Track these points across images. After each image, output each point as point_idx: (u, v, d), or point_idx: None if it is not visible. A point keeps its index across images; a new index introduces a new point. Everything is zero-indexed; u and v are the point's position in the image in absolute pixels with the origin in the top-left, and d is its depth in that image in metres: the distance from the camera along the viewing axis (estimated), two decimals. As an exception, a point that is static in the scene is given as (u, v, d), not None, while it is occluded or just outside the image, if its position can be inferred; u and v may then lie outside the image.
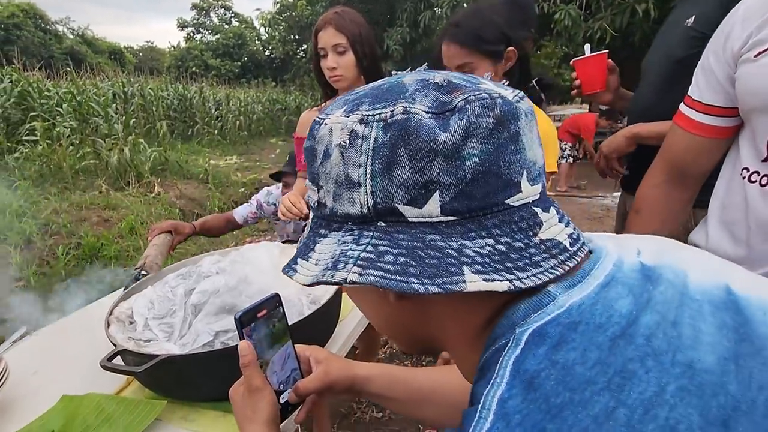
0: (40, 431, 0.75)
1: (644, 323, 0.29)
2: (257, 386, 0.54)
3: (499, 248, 0.32)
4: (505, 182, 0.33)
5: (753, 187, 0.68)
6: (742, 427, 0.25)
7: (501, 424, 0.27)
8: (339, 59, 1.37)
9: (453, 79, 0.34)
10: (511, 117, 0.33)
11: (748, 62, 0.66)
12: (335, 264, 0.34)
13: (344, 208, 0.35)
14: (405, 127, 0.32)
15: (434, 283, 0.31)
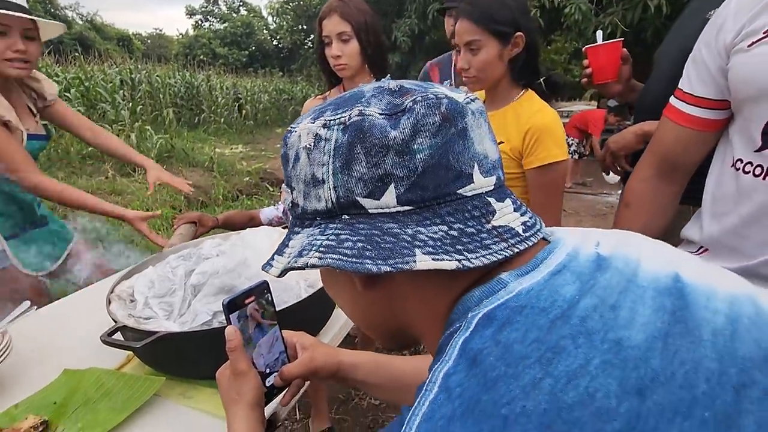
0: (42, 403, 0.77)
1: (583, 306, 0.31)
2: (242, 370, 0.56)
3: (452, 233, 0.36)
4: (456, 174, 0.37)
5: (746, 177, 0.68)
6: (657, 395, 0.27)
7: (443, 395, 0.30)
8: (343, 47, 1.36)
9: (405, 85, 0.39)
10: (458, 115, 0.37)
11: (741, 52, 0.67)
12: (300, 252, 0.39)
13: (312, 205, 0.39)
14: (360, 127, 0.36)
15: (386, 263, 0.35)
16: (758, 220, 0.67)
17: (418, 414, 0.31)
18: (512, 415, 0.27)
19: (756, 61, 0.65)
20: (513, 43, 1.08)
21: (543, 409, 0.27)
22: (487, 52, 1.08)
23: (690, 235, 0.81)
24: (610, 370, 0.28)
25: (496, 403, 0.28)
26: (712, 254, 0.76)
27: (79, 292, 1.19)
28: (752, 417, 0.27)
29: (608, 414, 0.26)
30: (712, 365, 0.29)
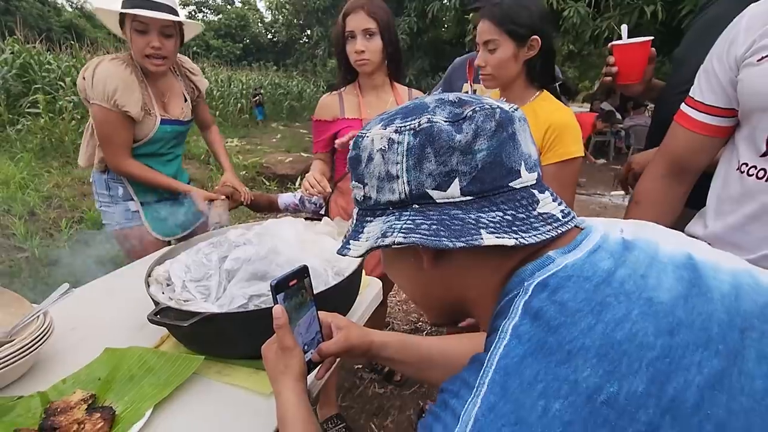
0: (87, 378, 0.81)
1: (619, 275, 0.39)
2: (289, 345, 0.62)
3: (507, 218, 0.43)
4: (508, 170, 0.44)
5: (750, 179, 0.75)
6: (682, 334, 0.36)
7: (515, 341, 0.38)
8: (368, 43, 1.39)
9: (462, 97, 0.47)
10: (508, 121, 0.45)
11: (751, 66, 0.73)
12: (384, 234, 0.46)
13: (386, 197, 0.47)
14: (430, 132, 0.43)
15: (459, 240, 0.42)
16: (759, 218, 0.74)
17: (497, 354, 0.38)
18: (574, 349, 0.35)
19: (765, 74, 0.70)
20: (529, 46, 1.13)
21: (599, 344, 0.35)
22: (503, 52, 1.13)
23: (694, 232, 0.87)
24: (647, 317, 0.36)
25: (561, 342, 0.36)
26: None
27: (111, 275, 1.23)
28: (753, 350, 0.36)
29: (648, 346, 0.35)
30: (722, 316, 0.37)
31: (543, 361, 0.35)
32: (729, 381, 0.34)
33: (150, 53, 1.35)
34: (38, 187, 4.41)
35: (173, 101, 1.52)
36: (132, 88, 1.37)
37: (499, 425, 0.34)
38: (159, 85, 1.48)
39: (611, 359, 0.34)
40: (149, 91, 1.43)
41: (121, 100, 1.34)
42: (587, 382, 0.33)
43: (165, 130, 1.49)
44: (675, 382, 0.33)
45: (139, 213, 1.53)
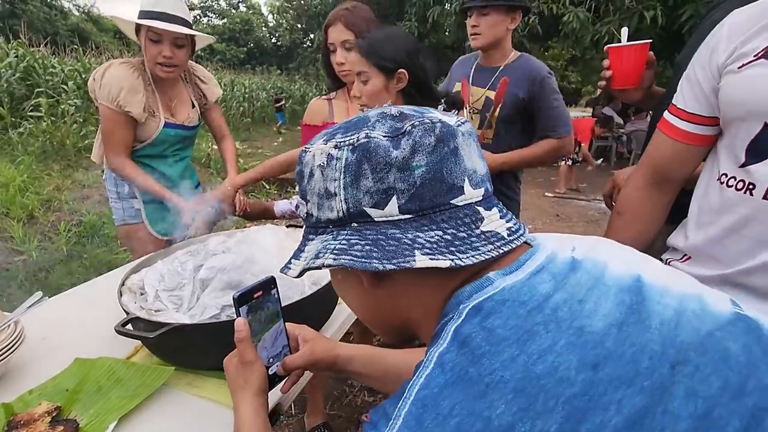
0: (55, 390, 0.80)
1: (555, 300, 0.38)
2: (249, 360, 0.60)
3: (446, 237, 0.42)
4: (449, 186, 0.43)
5: (729, 191, 0.73)
6: (608, 368, 0.33)
7: (438, 370, 0.36)
8: (347, 55, 1.41)
9: (405, 111, 0.45)
10: (450, 136, 0.43)
11: (732, 73, 0.71)
12: (317, 255, 0.45)
13: (326, 215, 0.45)
14: (367, 148, 0.42)
15: (390, 262, 0.41)
16: (737, 231, 0.72)
17: (416, 384, 0.36)
18: (492, 382, 0.33)
19: (745, 83, 0.69)
20: (397, 78, 1.18)
21: (517, 378, 0.33)
22: (374, 84, 1.19)
23: (675, 243, 0.85)
24: (572, 349, 0.34)
25: (481, 373, 0.34)
26: (694, 261, 0.80)
27: (86, 284, 1.22)
28: (683, 386, 0.33)
29: (568, 381, 0.33)
30: (656, 347, 0.35)
31: (461, 394, 0.34)
32: (650, 422, 0.32)
33: (161, 61, 1.43)
34: (38, 190, 4.43)
35: (180, 106, 1.59)
36: (136, 91, 1.44)
37: None
38: (167, 90, 1.55)
39: (528, 395, 0.32)
40: (156, 96, 1.50)
41: (125, 101, 1.42)
42: (500, 419, 0.32)
43: (168, 133, 1.56)
44: (590, 422, 0.31)
45: (140, 211, 1.60)
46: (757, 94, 0.67)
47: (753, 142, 0.70)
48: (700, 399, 0.33)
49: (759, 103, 0.68)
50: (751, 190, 0.70)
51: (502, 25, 1.52)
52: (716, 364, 0.35)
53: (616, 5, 4.97)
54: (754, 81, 0.68)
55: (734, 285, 0.72)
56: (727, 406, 0.33)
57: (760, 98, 0.67)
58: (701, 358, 0.35)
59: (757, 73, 0.67)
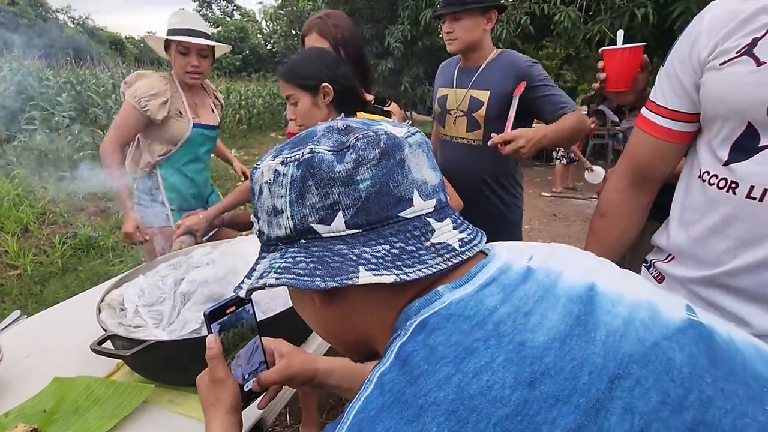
0: (32, 411, 0.78)
1: (499, 313, 0.36)
2: (220, 377, 0.59)
3: (393, 252, 0.40)
4: (397, 199, 0.42)
5: (712, 189, 0.71)
6: (545, 386, 0.32)
7: (377, 391, 0.35)
8: None
9: (351, 124, 0.44)
10: (395, 148, 0.42)
11: (714, 70, 0.69)
12: (262, 275, 0.44)
13: (275, 232, 0.44)
14: (311, 163, 0.41)
15: (333, 280, 0.40)
16: (720, 230, 0.70)
17: (355, 406, 0.35)
18: (426, 404, 0.32)
19: (727, 81, 0.67)
20: (323, 92, 1.20)
21: (450, 399, 0.32)
22: (303, 104, 1.21)
23: (659, 242, 0.84)
24: (510, 366, 0.33)
25: (416, 395, 0.33)
26: (677, 262, 0.79)
27: (69, 300, 1.20)
28: (620, 402, 0.31)
29: (501, 401, 0.31)
30: (598, 360, 0.33)
31: (396, 418, 0.32)
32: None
33: (190, 70, 1.66)
34: (33, 203, 4.41)
35: (203, 110, 1.83)
36: (160, 96, 1.64)
37: None
38: (193, 96, 1.78)
39: (459, 418, 0.31)
40: (184, 100, 1.72)
41: (146, 101, 1.61)
42: None
43: (197, 132, 1.76)
44: None
45: (169, 216, 1.76)
46: (740, 92, 0.66)
47: (737, 141, 0.69)
48: (638, 415, 0.31)
49: (742, 102, 0.66)
50: (734, 188, 0.68)
51: (477, 28, 1.50)
52: (658, 376, 0.33)
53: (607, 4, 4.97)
54: (737, 79, 0.66)
55: (718, 286, 0.71)
56: (665, 421, 0.31)
57: (743, 97, 0.66)
58: (643, 371, 0.33)
59: (739, 71, 0.66)
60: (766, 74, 0.63)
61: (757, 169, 0.66)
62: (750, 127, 0.66)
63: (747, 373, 0.35)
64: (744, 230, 0.67)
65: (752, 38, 0.65)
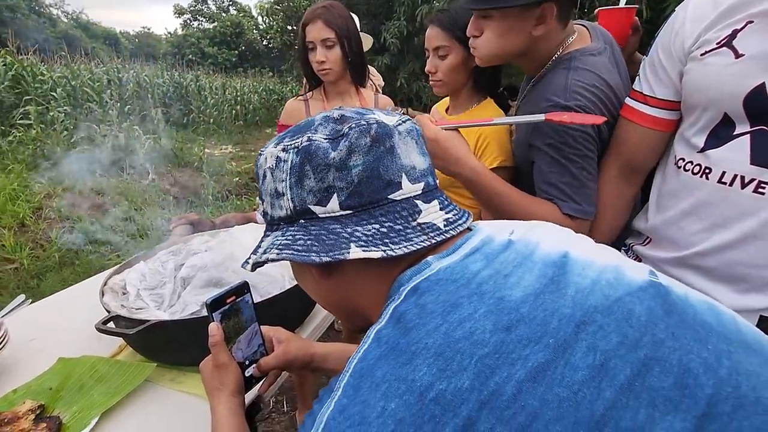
0: (39, 388, 0.82)
1: (482, 276, 0.41)
2: (223, 363, 0.63)
3: (382, 230, 0.45)
4: (386, 183, 0.46)
5: (686, 174, 0.75)
6: (519, 330, 0.37)
7: (374, 344, 0.40)
8: (327, 53, 1.40)
9: (346, 114, 0.49)
10: (386, 136, 0.47)
11: (695, 60, 0.71)
12: (265, 251, 0.49)
13: (277, 213, 0.49)
14: (308, 150, 0.46)
15: (327, 254, 0.44)
16: (693, 213, 0.74)
17: (356, 358, 0.40)
18: (417, 350, 0.37)
19: (707, 71, 0.69)
20: None
21: (438, 343, 0.37)
22: (454, 58, 1.14)
23: (638, 226, 0.87)
24: (490, 315, 0.38)
25: (409, 343, 0.38)
26: (654, 244, 0.82)
27: (72, 287, 1.23)
28: (585, 343, 0.37)
29: (482, 343, 0.36)
30: (567, 311, 0.38)
31: (392, 363, 0.37)
32: (552, 373, 0.35)
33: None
34: (29, 198, 4.41)
35: None
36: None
37: (345, 426, 0.36)
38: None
39: (445, 358, 0.36)
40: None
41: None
42: (421, 380, 0.35)
43: None
44: (498, 376, 0.35)
45: None
46: (719, 84, 0.68)
47: (713, 130, 0.71)
48: (599, 352, 0.36)
49: (719, 92, 0.68)
50: (707, 174, 0.72)
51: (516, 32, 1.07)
52: (618, 323, 0.38)
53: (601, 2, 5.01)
54: (716, 70, 0.68)
55: (689, 267, 0.75)
56: (623, 357, 0.36)
57: (721, 88, 0.68)
58: (605, 318, 0.38)
59: (718, 62, 0.68)
60: (743, 66, 0.65)
61: (730, 155, 0.69)
62: (726, 116, 0.69)
63: (696, 322, 0.40)
64: (715, 213, 0.71)
65: (732, 30, 0.67)
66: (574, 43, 0.92)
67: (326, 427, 0.37)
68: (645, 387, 0.35)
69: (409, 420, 0.34)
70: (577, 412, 0.34)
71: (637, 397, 0.34)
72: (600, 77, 0.85)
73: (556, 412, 0.34)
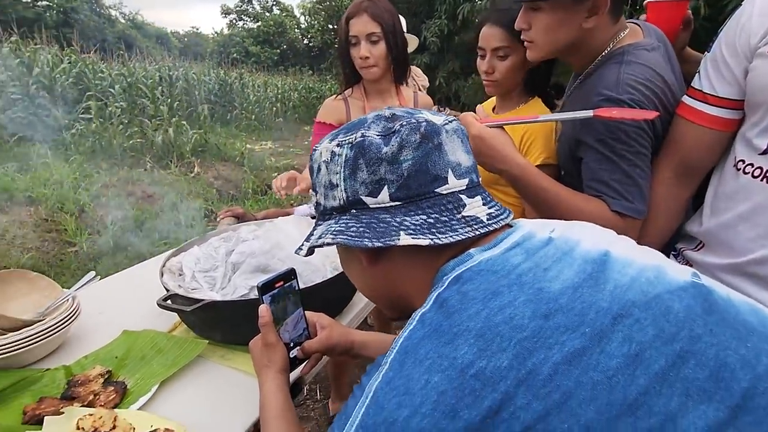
0: (106, 356, 0.90)
1: (522, 268, 0.44)
2: (271, 342, 0.68)
3: (429, 221, 0.48)
4: (434, 177, 0.49)
5: (746, 177, 0.72)
6: (557, 318, 0.40)
7: (419, 326, 0.43)
8: (372, 48, 1.34)
9: (396, 113, 0.52)
10: (434, 133, 0.50)
11: (762, 57, 0.67)
12: (319, 236, 0.53)
13: (330, 203, 0.53)
14: (362, 145, 0.50)
15: (379, 240, 0.48)
16: (750, 218, 0.71)
17: (401, 338, 0.44)
18: (459, 331, 0.41)
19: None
20: None
21: (479, 326, 0.40)
22: (514, 59, 1.12)
23: (690, 229, 0.84)
24: (529, 304, 0.41)
25: (451, 325, 0.41)
26: (707, 249, 0.79)
27: (133, 267, 1.34)
28: (621, 334, 0.39)
29: (520, 328, 0.39)
30: (604, 304, 0.41)
31: (434, 342, 0.41)
32: (587, 359, 0.37)
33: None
34: (88, 186, 4.76)
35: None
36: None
37: (392, 396, 0.40)
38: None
39: (486, 339, 0.39)
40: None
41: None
42: (463, 358, 0.39)
43: None
44: (535, 358, 0.38)
45: None
46: None
47: None
48: (635, 343, 0.38)
49: None
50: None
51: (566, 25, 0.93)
52: (656, 317, 0.40)
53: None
54: None
55: (744, 274, 0.72)
56: (658, 349, 0.38)
57: None
58: (643, 313, 0.40)
59: None
60: None
61: None
62: None
63: (738, 322, 0.41)
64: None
65: None
66: (625, 38, 0.89)
67: (374, 396, 0.41)
68: (679, 377, 0.37)
69: (451, 392, 0.38)
70: (611, 395, 0.36)
71: (670, 386, 0.36)
72: (654, 72, 0.82)
73: (590, 393, 0.36)
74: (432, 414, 0.37)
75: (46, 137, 5.54)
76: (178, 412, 0.75)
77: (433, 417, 0.37)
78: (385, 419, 0.39)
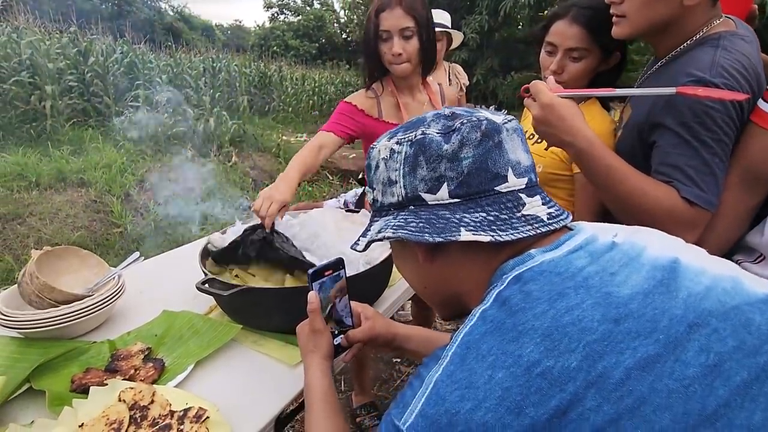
0: (147, 333, 0.95)
1: (587, 271, 0.43)
2: (318, 328, 0.69)
3: (489, 218, 0.48)
4: (494, 175, 0.49)
5: None
6: (627, 323, 0.39)
7: (480, 322, 0.43)
8: (405, 44, 1.22)
9: (456, 111, 0.52)
10: (495, 132, 0.49)
11: None
12: (379, 231, 0.54)
13: (388, 200, 0.54)
14: (422, 143, 0.50)
15: (440, 236, 0.48)
16: None
17: (462, 333, 0.43)
18: (524, 330, 0.40)
19: None
20: (612, 59, 1.04)
21: (546, 326, 0.40)
22: (588, 63, 1.03)
23: (751, 241, 0.79)
24: (597, 307, 0.40)
25: (515, 324, 0.41)
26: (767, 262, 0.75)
27: (174, 250, 1.40)
28: (697, 343, 0.38)
29: (590, 330, 0.39)
30: (678, 312, 0.40)
31: (498, 339, 0.41)
32: (661, 366, 0.36)
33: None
34: (134, 171, 5.00)
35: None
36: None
37: (453, 388, 0.40)
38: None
39: (553, 339, 0.39)
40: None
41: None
42: (528, 356, 0.38)
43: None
44: (605, 361, 0.37)
45: None
46: None
47: None
48: (713, 353, 0.37)
49: None
50: None
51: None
52: (735, 328, 0.38)
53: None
54: None
55: None
56: (739, 361, 0.36)
57: None
58: (721, 323, 0.38)
59: None
60: None
61: None
62: None
63: None
64: None
65: None
66: (719, 26, 0.83)
67: (435, 387, 0.41)
68: (763, 392, 0.35)
69: (516, 390, 0.37)
70: (687, 404, 0.35)
71: (753, 400, 0.35)
72: (751, 62, 0.77)
73: (665, 401, 0.35)
74: (496, 409, 0.37)
75: (98, 123, 5.86)
76: (210, 392, 0.78)
77: (497, 412, 0.37)
78: (447, 410, 0.39)
